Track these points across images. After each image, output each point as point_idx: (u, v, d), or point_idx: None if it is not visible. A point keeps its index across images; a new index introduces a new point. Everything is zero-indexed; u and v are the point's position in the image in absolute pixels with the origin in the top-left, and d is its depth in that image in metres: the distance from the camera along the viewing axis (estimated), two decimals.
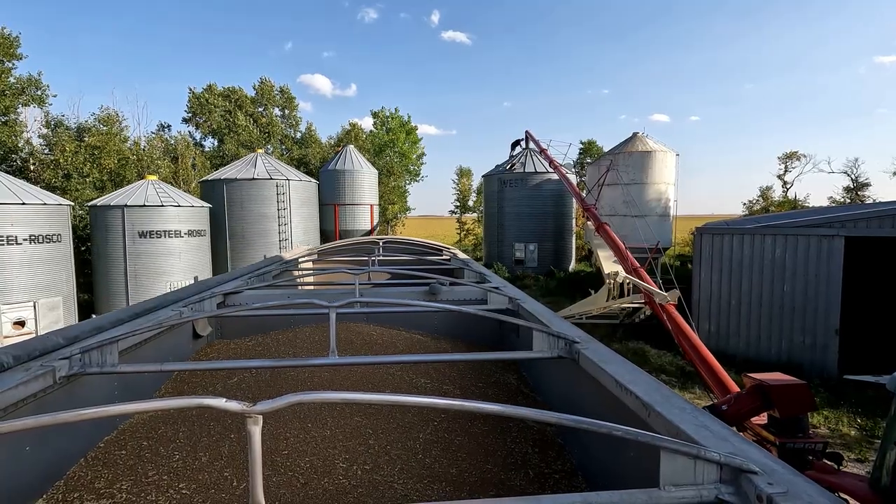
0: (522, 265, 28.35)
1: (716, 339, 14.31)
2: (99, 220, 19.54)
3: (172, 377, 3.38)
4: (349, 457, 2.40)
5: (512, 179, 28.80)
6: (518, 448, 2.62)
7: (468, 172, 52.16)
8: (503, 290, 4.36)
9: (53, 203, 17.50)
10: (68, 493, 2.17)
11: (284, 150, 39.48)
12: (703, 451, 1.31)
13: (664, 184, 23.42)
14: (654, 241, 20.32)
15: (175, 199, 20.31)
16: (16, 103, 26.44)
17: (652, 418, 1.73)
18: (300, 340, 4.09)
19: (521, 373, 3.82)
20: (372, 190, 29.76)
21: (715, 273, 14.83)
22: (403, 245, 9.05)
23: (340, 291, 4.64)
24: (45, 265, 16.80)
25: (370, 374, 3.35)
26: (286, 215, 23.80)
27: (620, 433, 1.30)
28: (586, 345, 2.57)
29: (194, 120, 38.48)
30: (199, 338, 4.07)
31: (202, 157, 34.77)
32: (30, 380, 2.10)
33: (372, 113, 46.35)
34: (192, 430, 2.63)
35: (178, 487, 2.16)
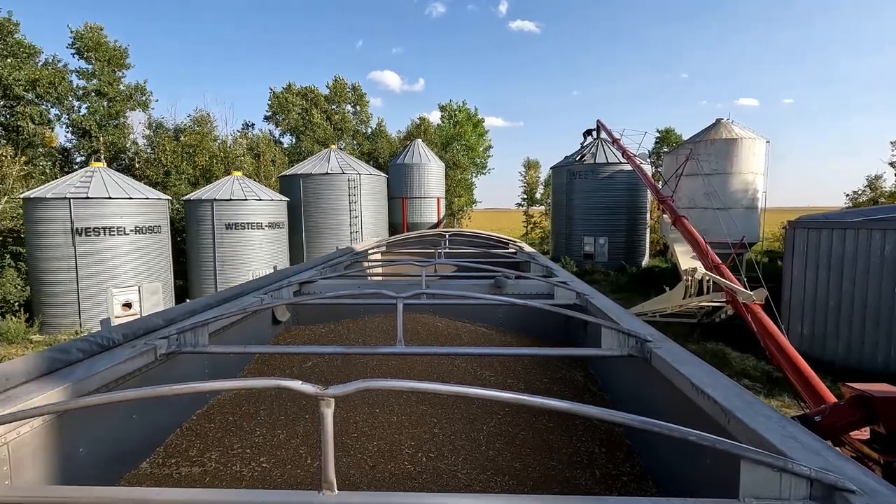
0: (592, 260, 27.44)
1: (809, 343, 13.05)
2: (192, 212, 21.38)
3: (254, 359, 3.65)
4: (414, 443, 2.47)
5: (582, 171, 27.87)
6: (584, 447, 2.56)
7: (536, 164, 51.16)
8: (571, 284, 4.25)
9: (155, 197, 19.40)
10: (167, 458, 2.42)
11: (356, 146, 40.91)
12: (791, 463, 1.20)
13: (751, 173, 21.60)
14: (738, 236, 18.84)
15: (257, 193, 21.74)
16: (125, 108, 29.50)
17: (732, 425, 1.62)
18: (369, 329, 4.24)
19: (589, 370, 3.71)
20: (439, 183, 30.08)
21: (810, 271, 13.49)
22: (469, 238, 9.08)
23: (407, 283, 4.75)
24: (148, 253, 18.71)
25: (435, 365, 3.41)
26: (357, 208, 24.68)
27: (695, 438, 1.23)
28: (659, 344, 2.45)
29: (274, 118, 40.88)
30: (278, 323, 4.34)
31: (281, 154, 36.90)
32: (136, 356, 2.35)
33: (439, 106, 46.76)
34: (272, 409, 2.82)
35: (259, 461, 2.33)
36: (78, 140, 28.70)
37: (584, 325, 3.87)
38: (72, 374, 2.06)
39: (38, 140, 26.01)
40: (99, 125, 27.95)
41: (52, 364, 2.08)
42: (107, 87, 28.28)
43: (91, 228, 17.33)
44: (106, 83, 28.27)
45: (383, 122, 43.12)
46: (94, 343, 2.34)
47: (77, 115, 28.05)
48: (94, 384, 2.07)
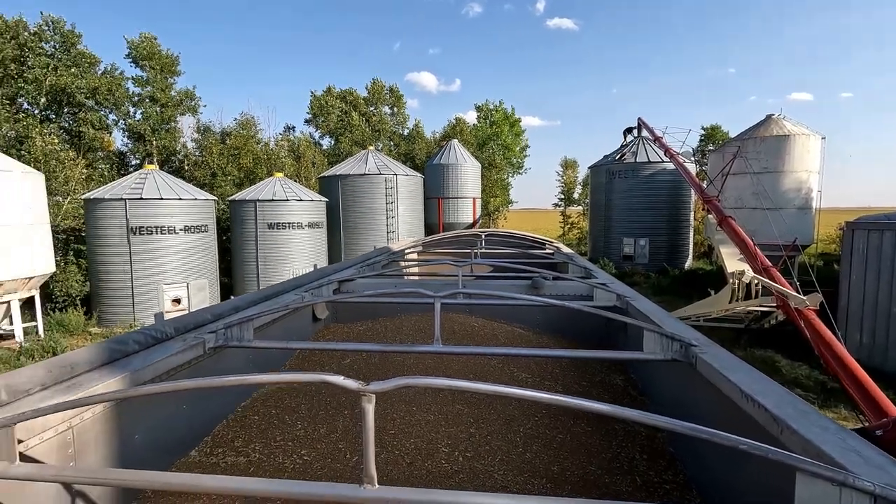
0: (631, 261, 26.71)
1: (869, 352, 12.25)
2: (236, 212, 22.21)
3: (295, 354, 3.75)
4: (451, 442, 2.48)
5: (622, 170, 27.18)
6: (624, 453, 2.50)
7: (573, 164, 50.24)
8: (610, 286, 4.15)
9: (202, 198, 20.28)
10: (214, 448, 2.52)
11: (392, 147, 41.41)
12: (853, 478, 1.14)
13: (805, 172, 20.46)
14: (790, 238, 17.89)
15: (298, 194, 22.36)
16: (175, 113, 30.98)
17: (784, 435, 1.54)
18: (406, 327, 4.29)
19: (629, 375, 3.62)
20: (475, 183, 30.04)
21: (871, 275, 12.66)
22: (506, 238, 9.02)
23: (444, 282, 4.77)
24: (196, 252, 19.56)
25: (471, 365, 3.41)
26: (393, 208, 24.98)
27: (747, 447, 1.18)
28: (705, 349, 2.36)
29: (315, 121, 41.91)
30: (318, 321, 4.45)
31: (320, 155, 37.81)
32: (186, 349, 2.47)
33: (476, 106, 46.69)
34: (312, 403, 2.90)
35: (300, 453, 2.40)
36: (133, 144, 30.35)
37: (624, 329, 3.77)
38: (129, 364, 2.18)
39: (98, 144, 27.69)
40: (152, 130, 29.46)
41: (112, 354, 2.21)
42: (159, 94, 29.77)
43: (144, 227, 18.29)
44: (159, 90, 29.77)
45: (420, 122, 43.49)
46: (149, 336, 2.47)
47: (132, 121, 29.67)
48: (148, 374, 2.18)
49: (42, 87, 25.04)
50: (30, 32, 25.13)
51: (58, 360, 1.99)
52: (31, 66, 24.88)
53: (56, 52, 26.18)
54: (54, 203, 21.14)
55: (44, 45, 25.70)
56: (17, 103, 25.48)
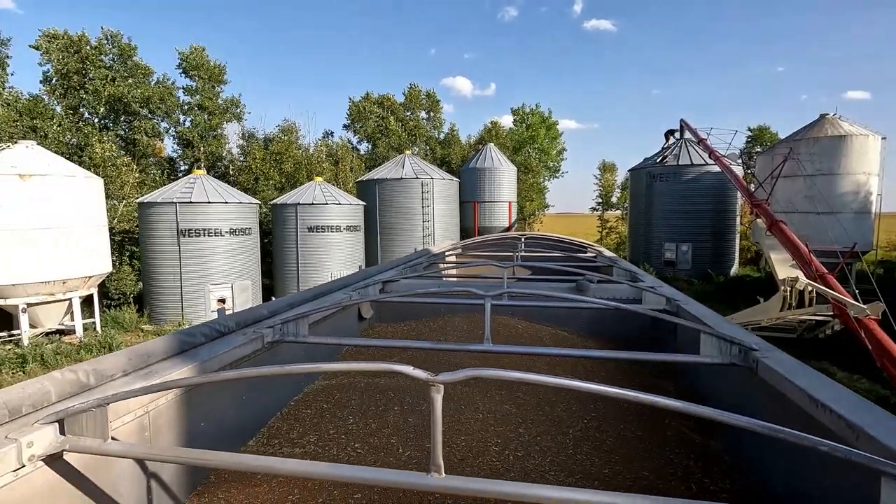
0: (673, 267, 25.89)
1: None
2: (278, 216, 22.93)
3: (344, 351, 3.85)
4: (501, 441, 2.49)
5: (663, 173, 26.43)
6: (677, 459, 2.44)
7: (612, 167, 49.19)
8: (659, 289, 4.06)
9: (247, 202, 21.05)
10: (271, 438, 2.62)
11: (428, 151, 41.75)
12: None
13: (864, 174, 19.33)
14: (848, 243, 16.91)
15: (336, 198, 22.88)
16: (222, 121, 32.32)
17: (861, 441, 1.48)
18: (449, 328, 4.32)
19: (678, 381, 3.53)
20: (511, 187, 29.90)
21: None
22: (546, 241, 8.95)
23: (490, 284, 4.78)
24: (240, 253, 20.32)
25: (518, 366, 3.40)
26: (429, 212, 25.18)
27: (827, 448, 1.14)
28: (767, 353, 2.28)
29: (353, 126, 42.79)
30: (363, 319, 4.55)
31: (358, 160, 38.54)
32: (247, 342, 2.58)
33: (511, 110, 46.47)
34: (362, 399, 2.97)
35: (353, 447, 2.46)
36: (182, 150, 31.84)
37: (673, 333, 3.68)
38: (197, 355, 2.31)
39: (150, 151, 29.20)
40: (200, 136, 30.83)
41: (182, 346, 2.34)
42: (207, 102, 31.14)
43: (193, 230, 19.14)
44: (206, 98, 31.14)
45: (455, 126, 43.66)
46: (213, 329, 2.60)
47: (182, 128, 31.15)
48: (215, 365, 2.30)
49: (101, 98, 26.65)
50: (91, 46, 26.82)
51: (136, 350, 2.12)
52: (92, 77, 26.53)
53: (114, 63, 27.82)
54: (111, 206, 22.43)
55: (103, 58, 27.37)
56: (78, 112, 27.22)
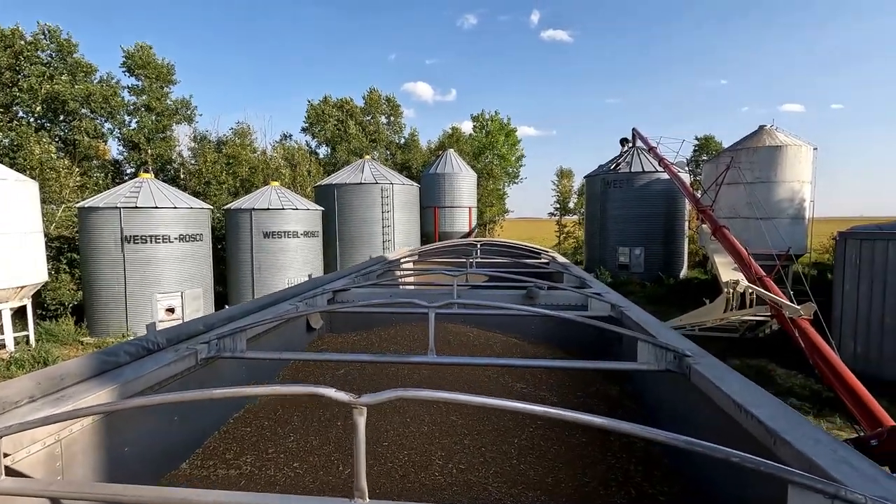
0: (627, 270, 26.79)
1: (863, 362, 12.29)
2: (231, 221, 22.16)
3: (289, 365, 3.72)
4: (445, 454, 2.46)
5: (617, 180, 27.35)
6: (620, 464, 2.49)
7: (569, 173, 50.54)
8: (605, 296, 4.16)
9: (198, 207, 20.23)
10: (205, 460, 2.49)
11: (389, 156, 41.53)
12: (845, 490, 1.13)
13: (798, 182, 20.67)
14: (784, 247, 18.01)
15: (294, 202, 22.35)
16: (171, 122, 30.99)
17: (778, 447, 1.54)
18: (401, 338, 4.27)
19: (625, 385, 3.61)
20: (470, 193, 30.13)
21: (864, 285, 12.74)
22: (501, 248, 9.04)
23: (439, 292, 4.76)
24: (191, 261, 19.48)
25: (466, 375, 3.39)
26: (389, 218, 25.00)
27: (739, 460, 1.18)
28: (699, 359, 2.36)
29: (311, 130, 42.02)
30: (312, 331, 4.43)
31: (316, 164, 37.84)
32: (178, 360, 2.44)
33: (472, 116, 46.97)
34: (305, 415, 2.87)
35: (292, 466, 2.37)
36: (128, 153, 30.29)
37: (619, 338, 3.77)
38: (120, 375, 2.16)
39: (93, 153, 27.61)
40: (147, 138, 29.44)
41: (102, 366, 2.18)
42: (155, 102, 29.78)
43: (139, 236, 18.20)
44: (154, 98, 29.78)
45: (416, 132, 43.67)
46: (140, 346, 2.44)
47: (128, 129, 29.64)
48: (139, 386, 2.16)
49: (37, 96, 25.00)
50: (26, 41, 25.13)
51: (47, 372, 1.96)
52: (27, 74, 24.86)
53: (52, 60, 26.18)
54: (48, 211, 21.01)
55: (40, 54, 25.69)
56: (12, 111, 25.42)
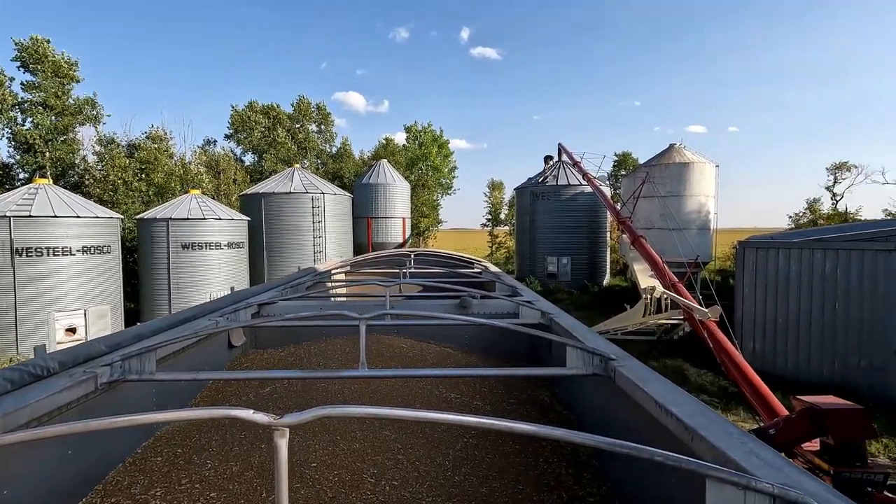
0: (555, 279, 27.90)
1: (761, 358, 13.60)
2: (145, 232, 20.48)
3: (207, 385, 3.45)
4: (377, 472, 2.37)
5: (544, 192, 28.54)
6: (551, 469, 2.52)
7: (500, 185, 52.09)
8: (535, 304, 4.27)
9: (105, 216, 18.48)
10: (106, 497, 2.22)
11: (320, 165, 40.52)
12: (755, 480, 1.21)
13: (703, 196, 22.69)
14: (693, 256, 19.64)
15: (216, 212, 21.09)
16: (74, 122, 28.21)
17: (696, 443, 1.63)
18: (331, 352, 4.11)
19: (555, 390, 3.71)
20: (404, 203, 30.07)
21: (759, 289, 14.16)
22: (434, 258, 9.05)
23: (371, 304, 4.66)
24: (96, 275, 17.70)
25: (400, 387, 3.32)
26: (320, 228, 24.31)
27: (661, 458, 1.22)
28: (623, 362, 2.47)
29: (236, 136, 40.04)
30: (234, 348, 4.15)
31: (242, 172, 36.07)
32: (73, 385, 2.17)
33: (405, 128, 47.11)
34: (225, 439, 2.66)
35: (209, 496, 2.17)
36: (21, 155, 27.16)
37: (549, 345, 3.88)
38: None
39: None
40: (44, 140, 26.58)
41: None
42: (53, 100, 26.99)
43: (33, 249, 16.28)
44: (53, 95, 27.00)
45: (348, 141, 43.01)
46: (25, 372, 2.14)
47: (20, 128, 26.60)
48: (23, 418, 1.89)
49: None
50: None
51: None
52: None
53: None
54: None
55: None
56: None
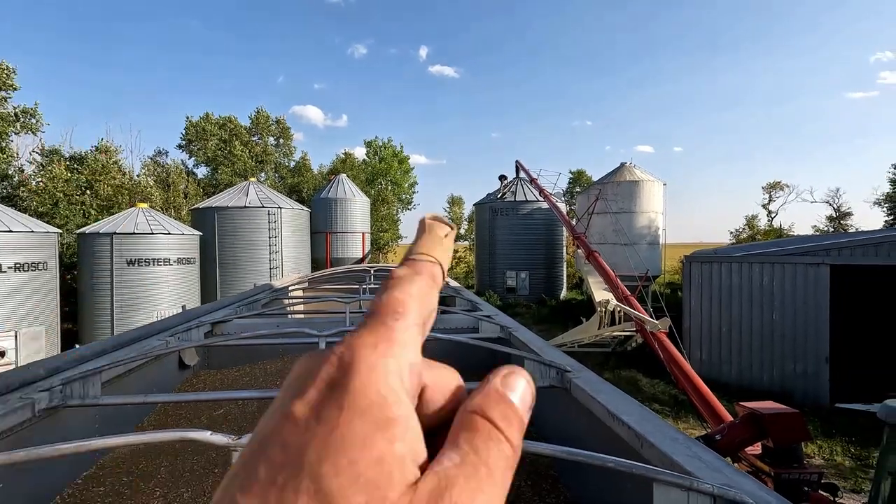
0: (514, 293, 28.33)
1: (708, 367, 14.28)
2: (86, 247, 19.32)
3: (157, 409, 3.30)
4: None
5: (503, 208, 29.09)
6: (511, 480, 2.56)
7: (459, 201, 52.70)
8: (495, 318, 4.34)
9: (41, 231, 17.31)
10: None
11: (278, 179, 39.70)
12: (697, 482, 1.29)
13: (653, 212, 23.79)
14: (643, 269, 20.48)
15: (165, 226, 20.20)
16: (8, 131, 26.44)
17: (645, 449, 1.72)
18: (289, 370, 3.98)
19: None
20: (364, 218, 29.85)
21: (705, 301, 14.92)
22: None
23: (330, 320, 4.60)
24: (29, 294, 16.48)
25: None
26: (277, 243, 23.73)
27: (613, 465, 1.29)
28: (578, 374, 2.56)
29: (189, 147, 38.67)
30: (186, 368, 3.98)
31: (195, 185, 34.81)
32: (7, 413, 2.03)
33: (365, 142, 47.01)
34: (175, 464, 2.55)
35: None
36: None
37: (508, 358, 3.95)
38: None
39: None
40: None
41: None
42: None
43: None
44: None
45: (307, 155, 42.42)
46: None
47: None
48: None
49: None
50: None
51: None
52: None
53: None
54: None
55: None
56: None
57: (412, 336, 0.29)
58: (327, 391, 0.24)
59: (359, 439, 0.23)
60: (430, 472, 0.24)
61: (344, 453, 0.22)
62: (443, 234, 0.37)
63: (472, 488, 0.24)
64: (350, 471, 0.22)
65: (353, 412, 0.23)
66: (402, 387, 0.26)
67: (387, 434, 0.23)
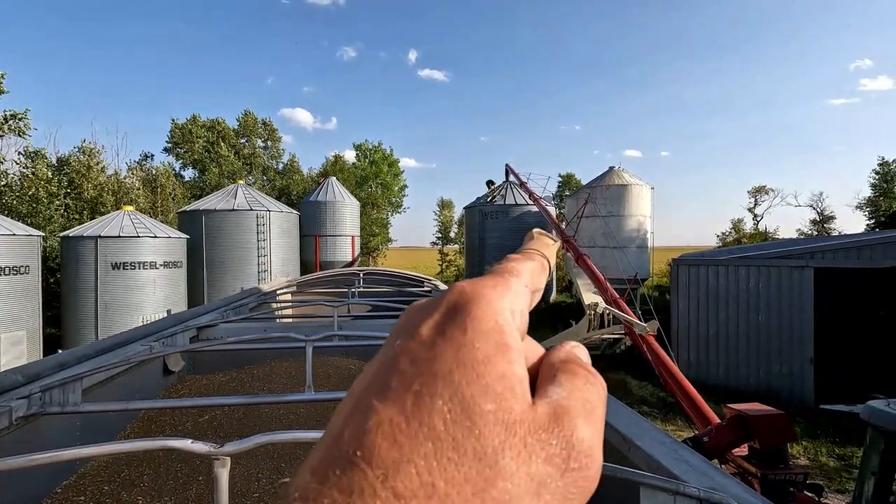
0: None
1: (696, 369, 14.41)
2: (70, 251, 19.00)
3: (140, 416, 3.24)
4: None
5: (493, 211, 29.17)
6: None
7: (449, 204, 52.73)
8: None
9: (23, 233, 16.99)
10: None
11: (267, 181, 39.43)
12: (683, 486, 1.30)
13: (641, 216, 24.01)
14: (632, 272, 20.64)
15: (151, 229, 19.94)
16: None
17: (632, 452, 1.72)
18: (276, 375, 3.97)
19: None
20: (353, 221, 29.74)
21: (692, 303, 15.07)
22: (384, 276, 8.99)
23: (318, 324, 4.56)
24: (10, 298, 16.15)
25: None
26: (266, 246, 23.54)
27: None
28: None
29: (175, 150, 38.28)
30: (171, 374, 3.92)
31: (182, 188, 34.44)
32: None
33: (354, 145, 46.87)
34: (158, 472, 2.50)
35: None
36: None
37: None
38: None
39: None
40: None
41: None
42: None
43: None
44: None
45: (296, 158, 42.20)
46: None
47: None
48: None
49: None
50: None
51: None
52: None
53: None
54: None
55: None
56: None
57: (525, 292, 0.33)
58: (451, 314, 0.27)
59: (482, 356, 0.25)
60: (542, 400, 0.27)
61: (472, 367, 0.25)
62: (548, 241, 0.46)
63: (585, 415, 0.27)
64: (479, 381, 0.24)
65: (477, 333, 0.26)
66: (515, 325, 0.29)
67: (506, 356, 0.26)
